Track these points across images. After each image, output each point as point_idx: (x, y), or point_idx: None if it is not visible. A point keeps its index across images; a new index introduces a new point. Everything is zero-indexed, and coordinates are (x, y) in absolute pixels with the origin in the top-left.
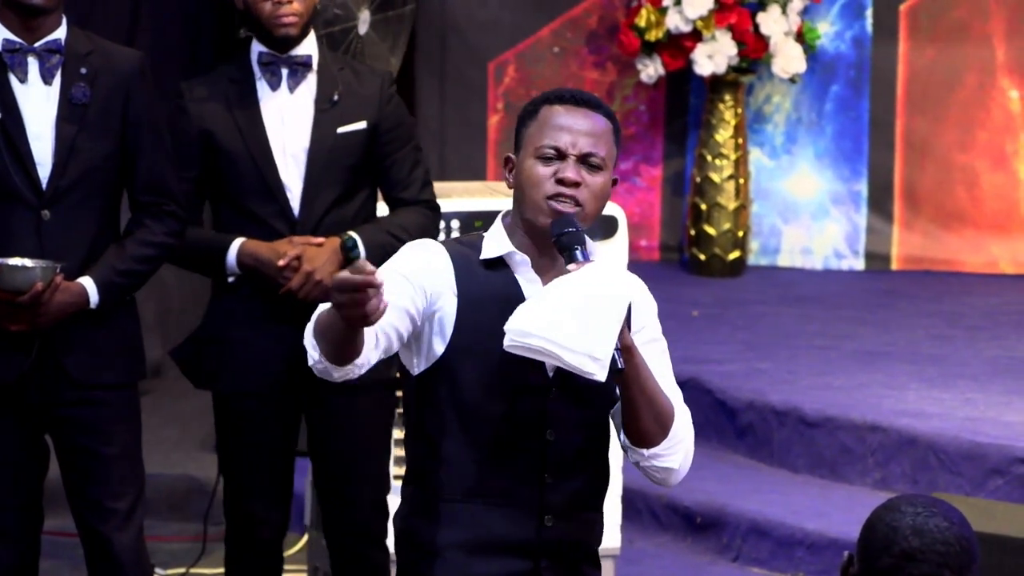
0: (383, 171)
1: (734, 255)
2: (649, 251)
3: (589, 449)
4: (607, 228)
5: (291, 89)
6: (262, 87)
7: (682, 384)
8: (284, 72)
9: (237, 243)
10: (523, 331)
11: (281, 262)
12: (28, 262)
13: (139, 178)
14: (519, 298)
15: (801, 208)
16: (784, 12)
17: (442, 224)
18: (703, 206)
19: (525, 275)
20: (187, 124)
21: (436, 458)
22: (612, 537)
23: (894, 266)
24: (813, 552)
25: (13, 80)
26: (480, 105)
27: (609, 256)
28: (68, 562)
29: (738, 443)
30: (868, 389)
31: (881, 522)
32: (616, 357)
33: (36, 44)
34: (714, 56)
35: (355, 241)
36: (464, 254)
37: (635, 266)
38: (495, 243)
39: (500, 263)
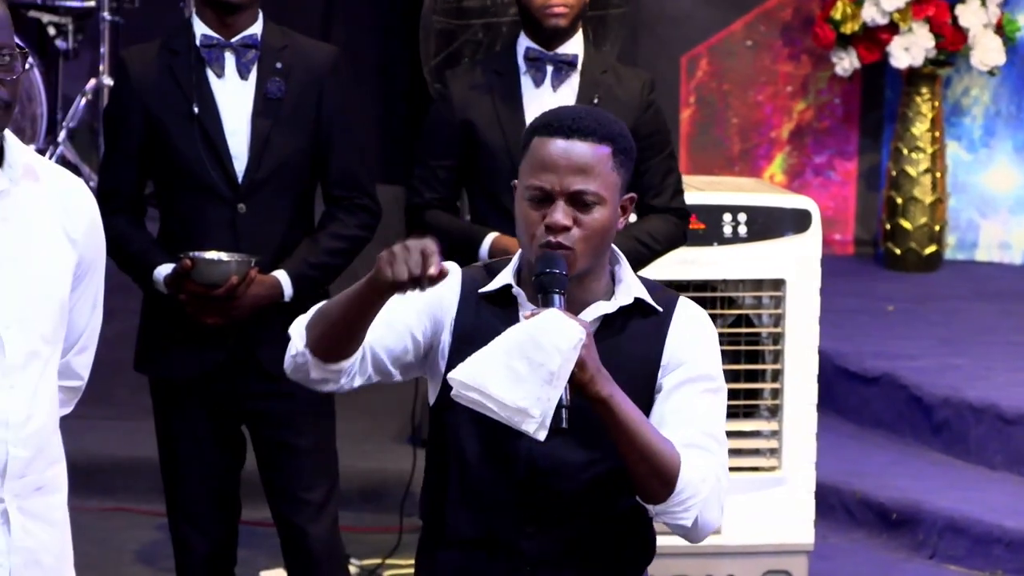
0: (636, 176)
1: (930, 249)
2: (843, 245)
3: (593, 495)
4: (800, 222)
5: (554, 87)
6: (526, 82)
7: (876, 380)
8: (549, 69)
9: (490, 237)
10: (461, 382)
11: None
12: (224, 256)
13: (332, 172)
14: (497, 329)
15: (999, 202)
16: (983, 4)
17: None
18: (899, 200)
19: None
20: (449, 113)
21: (436, 499)
22: (805, 533)
23: None
24: (1012, 550)
25: (210, 75)
26: (672, 99)
27: (801, 251)
28: (265, 551)
29: (933, 439)
30: None
31: None
32: (563, 415)
33: (233, 39)
34: (911, 49)
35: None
36: (475, 285)
37: (829, 260)
38: (502, 275)
39: (506, 297)
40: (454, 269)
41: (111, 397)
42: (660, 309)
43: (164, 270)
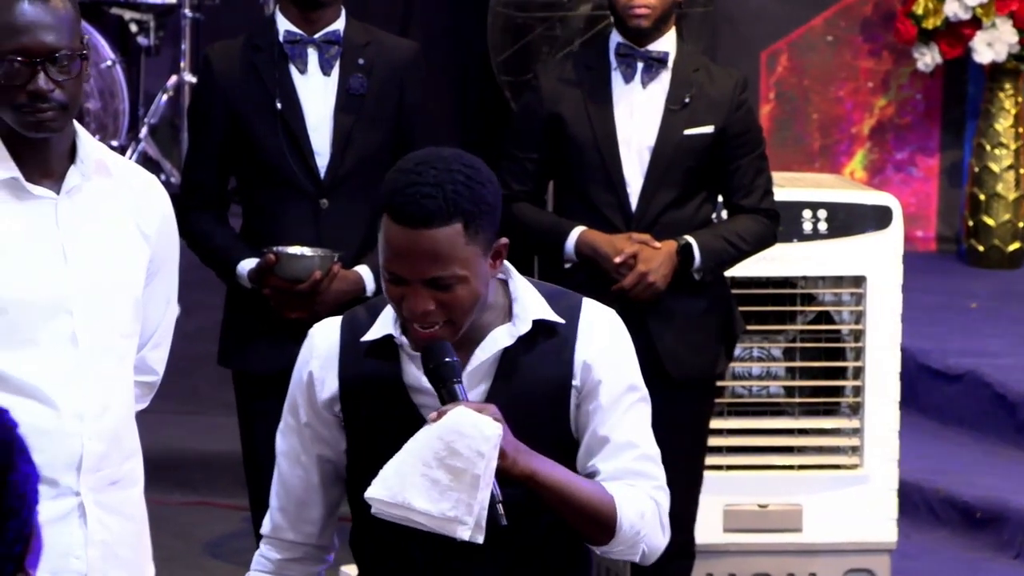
0: (726, 176)
1: (1014, 246)
2: (925, 242)
3: (532, 528)
4: (880, 219)
5: (644, 84)
6: (616, 78)
7: (959, 378)
8: (639, 66)
9: (577, 231)
10: (381, 500)
11: (617, 259)
12: (307, 251)
13: None
14: (401, 389)
15: None
16: None
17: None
18: (981, 196)
19: (416, 362)
20: (538, 105)
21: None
22: (888, 531)
23: None
24: None
25: (293, 71)
26: (752, 95)
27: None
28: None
29: (1018, 437)
30: None
31: None
32: (499, 511)
33: (316, 35)
34: (994, 44)
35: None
36: (356, 331)
37: (911, 257)
38: (384, 319)
39: (388, 347)
40: (304, 354)
41: (193, 391)
42: (563, 322)
43: (248, 265)
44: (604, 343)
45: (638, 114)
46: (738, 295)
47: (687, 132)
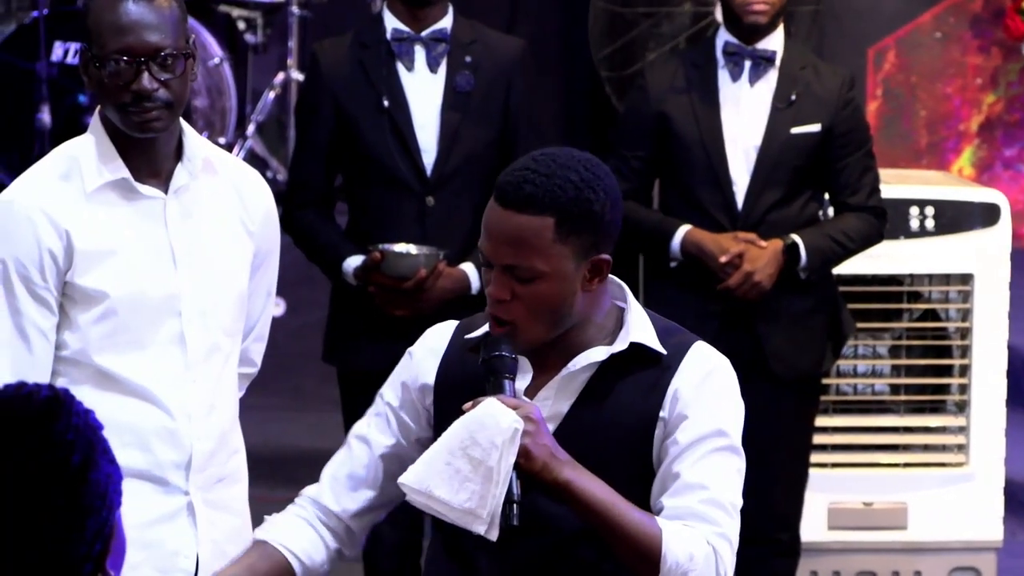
0: (832, 174)
1: None
2: None
3: (575, 548)
4: (989, 216)
5: (751, 82)
6: (723, 76)
7: None
8: (747, 64)
9: (683, 230)
10: (409, 487)
11: (723, 258)
12: (412, 249)
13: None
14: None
15: None
16: None
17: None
18: None
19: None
20: (644, 104)
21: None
22: (994, 529)
23: None
24: None
25: (400, 68)
26: (859, 92)
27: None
28: None
29: None
30: None
31: None
32: (513, 512)
33: (423, 33)
34: None
35: None
36: (464, 332)
37: (1018, 254)
38: (483, 321)
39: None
40: (415, 348)
41: (297, 388)
42: (664, 353)
43: (353, 262)
44: (704, 383)
45: (745, 113)
46: (844, 292)
47: (794, 131)
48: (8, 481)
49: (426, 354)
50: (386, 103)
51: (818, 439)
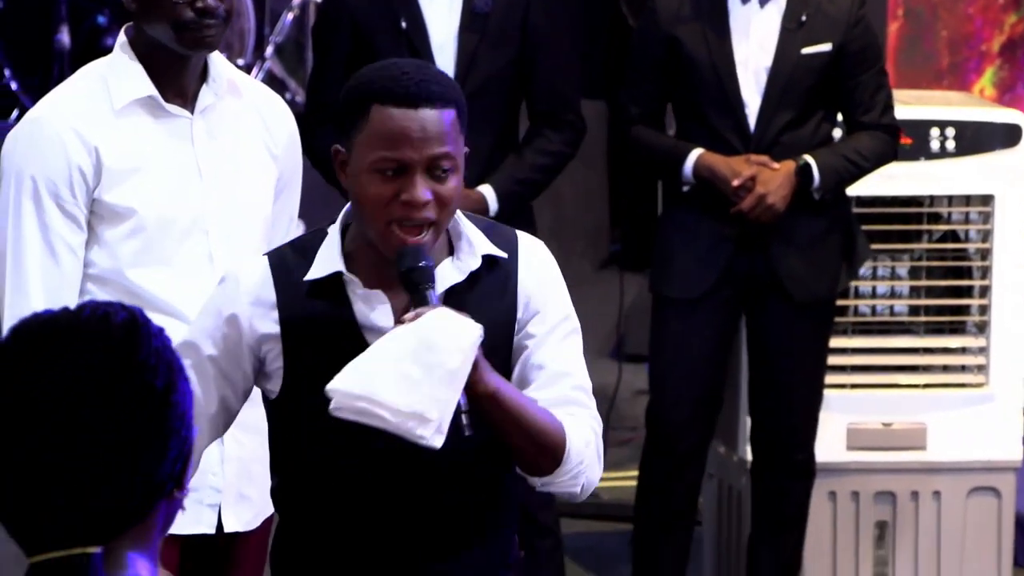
0: (845, 93)
1: None
2: None
3: (465, 470)
4: (1010, 137)
5: (761, 4)
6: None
7: None
8: None
9: (695, 154)
10: (344, 392)
11: (736, 181)
12: None
13: (538, 88)
14: (352, 329)
15: None
16: None
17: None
18: None
19: (366, 300)
20: (655, 28)
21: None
22: (1013, 450)
23: None
24: None
25: None
26: (880, 12)
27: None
28: None
29: None
30: None
31: None
32: (463, 421)
33: None
34: None
35: None
36: (290, 271)
37: None
38: (326, 257)
39: (335, 285)
40: (224, 289)
41: None
42: (505, 256)
43: None
44: (542, 275)
45: (755, 35)
46: (864, 214)
47: (805, 51)
48: (95, 407)
49: (254, 306)
50: (404, 24)
51: (837, 360)
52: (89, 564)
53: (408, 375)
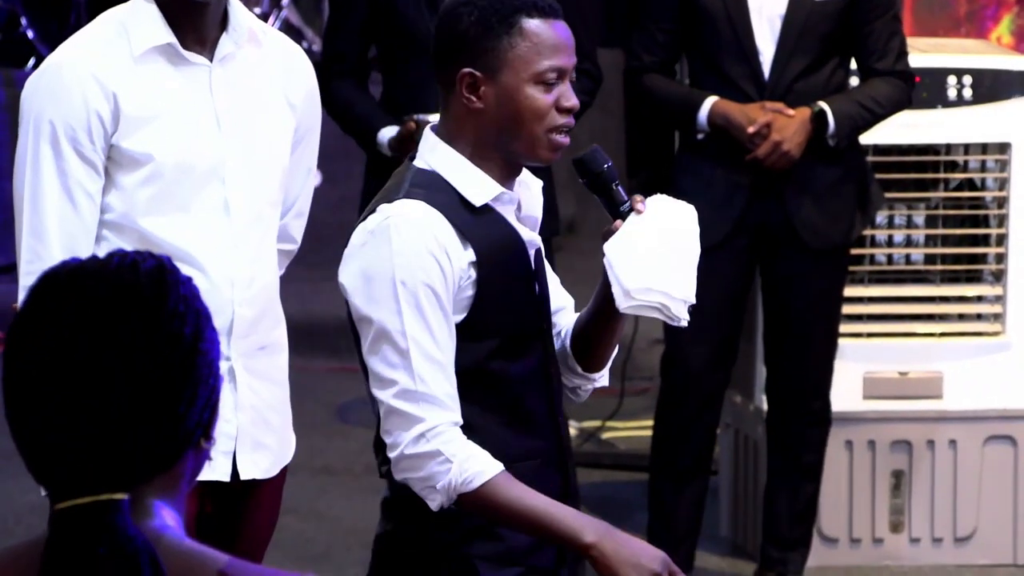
0: (859, 39)
1: None
2: None
3: None
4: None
5: None
6: None
7: None
8: None
9: (710, 101)
10: (645, 288)
11: (751, 128)
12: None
13: None
14: (519, 241)
15: None
16: None
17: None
18: None
19: (508, 212)
20: None
21: (471, 428)
22: None
23: None
24: None
25: None
26: None
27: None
28: None
29: None
30: None
31: None
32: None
33: None
34: None
35: None
36: (453, 210)
37: None
38: (477, 184)
39: (485, 208)
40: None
41: (336, 260)
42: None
43: (388, 132)
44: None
45: None
46: (880, 163)
47: None
48: (125, 355)
49: (450, 248)
50: None
51: (853, 309)
52: (116, 510)
53: (677, 265)
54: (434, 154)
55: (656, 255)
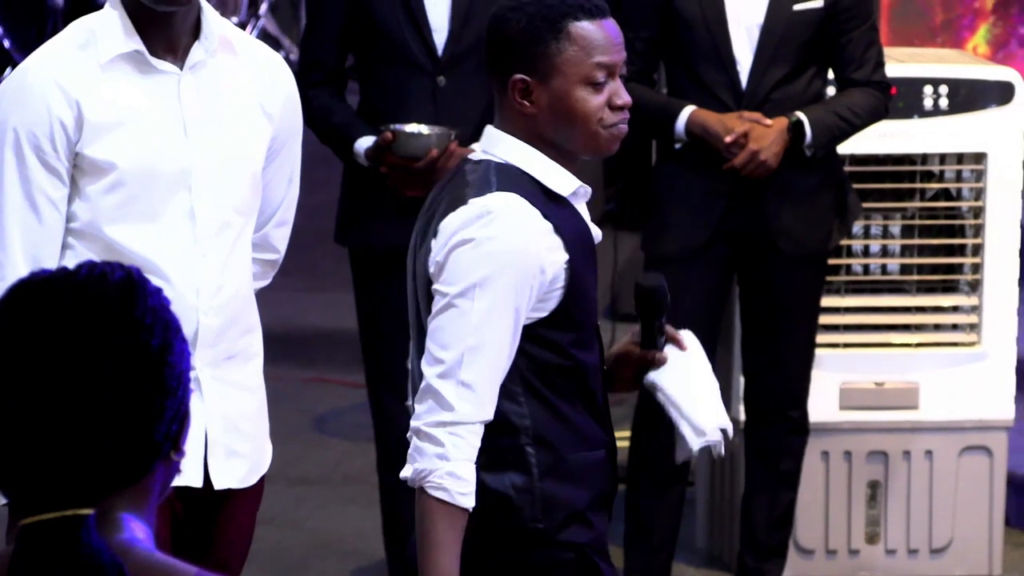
0: (837, 49)
1: None
2: None
3: None
4: (1003, 94)
5: None
6: None
7: None
8: None
9: (687, 111)
10: (715, 427)
11: (728, 138)
12: (424, 128)
13: None
14: (592, 234)
15: None
16: None
17: None
18: None
19: (581, 205)
20: None
21: (556, 416)
22: (1005, 408)
23: None
24: None
25: None
26: None
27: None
28: None
29: None
30: None
31: None
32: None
33: None
34: None
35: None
36: (543, 203)
37: None
38: (557, 176)
39: (558, 195)
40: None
41: (313, 268)
42: None
43: (365, 142)
44: None
45: None
46: (857, 172)
47: (796, 7)
48: (91, 367)
49: (546, 242)
50: None
51: (830, 319)
52: (81, 526)
53: (707, 400)
54: (506, 150)
55: (710, 392)
